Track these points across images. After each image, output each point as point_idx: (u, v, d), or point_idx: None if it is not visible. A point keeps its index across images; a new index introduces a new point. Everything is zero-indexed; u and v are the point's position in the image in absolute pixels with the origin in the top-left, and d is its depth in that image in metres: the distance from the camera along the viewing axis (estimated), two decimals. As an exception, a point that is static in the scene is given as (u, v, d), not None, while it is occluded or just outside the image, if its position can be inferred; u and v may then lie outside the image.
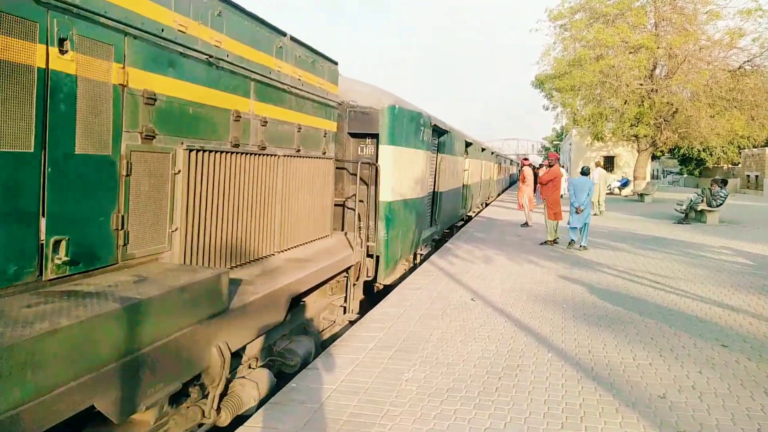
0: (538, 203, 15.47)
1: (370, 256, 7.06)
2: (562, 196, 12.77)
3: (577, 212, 10.90)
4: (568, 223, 11.14)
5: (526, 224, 15.03)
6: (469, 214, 17.79)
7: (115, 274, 3.20)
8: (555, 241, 11.65)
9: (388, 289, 7.66)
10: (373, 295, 7.72)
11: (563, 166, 21.91)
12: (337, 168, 6.72)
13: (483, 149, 20.02)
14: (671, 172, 67.78)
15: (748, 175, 41.27)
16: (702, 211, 16.62)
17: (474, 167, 17.11)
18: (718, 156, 46.07)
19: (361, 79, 8.23)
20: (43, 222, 2.73)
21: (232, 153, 4.29)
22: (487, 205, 23.28)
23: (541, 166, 20.34)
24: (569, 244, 11.17)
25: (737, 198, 31.57)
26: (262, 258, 4.85)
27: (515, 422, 3.65)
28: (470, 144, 15.69)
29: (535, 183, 15.39)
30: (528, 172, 16.16)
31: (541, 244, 11.63)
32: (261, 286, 4.30)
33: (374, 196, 7.08)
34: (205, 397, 3.61)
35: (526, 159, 18.91)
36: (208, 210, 4.06)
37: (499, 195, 30.94)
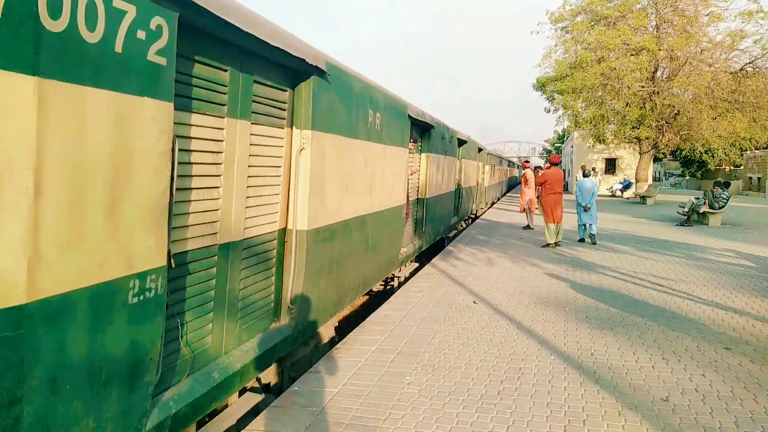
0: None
1: None
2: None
3: (585, 210, 12.10)
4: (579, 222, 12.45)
5: (528, 227, 15.02)
6: (444, 235, 12.47)
7: None
8: (557, 244, 11.61)
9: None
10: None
11: (563, 169, 21.66)
12: None
13: (461, 141, 13.37)
14: (673, 175, 67.70)
15: (750, 177, 41.20)
16: (704, 213, 16.60)
17: (439, 169, 10.44)
18: (720, 158, 45.97)
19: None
20: None
21: None
22: (474, 219, 18.81)
23: (539, 167, 18.88)
24: (580, 240, 12.47)
25: (739, 200, 31.51)
26: None
27: (518, 425, 3.64)
28: (429, 128, 9.35)
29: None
30: (530, 174, 16.15)
31: (543, 246, 11.58)
32: None
33: None
34: None
35: (527, 161, 18.95)
36: None
37: (492, 204, 25.48)
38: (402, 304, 6.84)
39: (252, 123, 3.78)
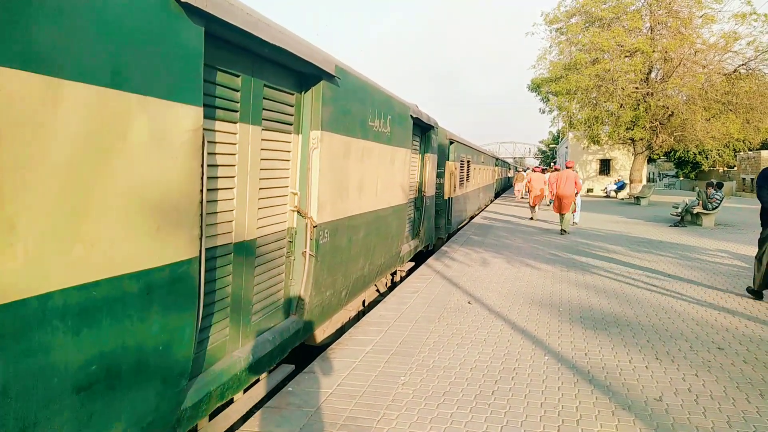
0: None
1: None
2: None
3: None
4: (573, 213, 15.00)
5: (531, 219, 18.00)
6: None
7: None
8: (564, 231, 14.10)
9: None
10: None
11: (557, 169, 23.86)
12: None
13: (311, 77, 4.61)
14: (667, 175, 68.03)
15: (744, 178, 41.45)
16: (698, 214, 16.68)
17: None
18: (713, 159, 46.21)
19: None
20: None
21: None
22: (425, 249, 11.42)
23: (544, 170, 23.39)
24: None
25: (733, 201, 31.69)
26: None
27: (512, 425, 3.65)
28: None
29: None
30: (536, 176, 19.15)
31: (560, 233, 14.11)
32: None
33: None
34: None
35: (537, 167, 23.39)
36: None
37: (471, 218, 18.77)
38: (397, 304, 6.84)
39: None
